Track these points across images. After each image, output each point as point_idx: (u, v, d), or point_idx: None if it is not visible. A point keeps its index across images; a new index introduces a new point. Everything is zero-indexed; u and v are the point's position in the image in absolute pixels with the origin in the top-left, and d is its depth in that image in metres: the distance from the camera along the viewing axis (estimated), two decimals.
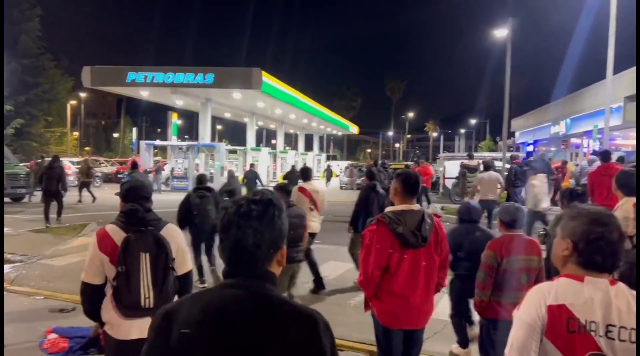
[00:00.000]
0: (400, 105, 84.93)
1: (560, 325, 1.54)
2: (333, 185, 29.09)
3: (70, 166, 24.26)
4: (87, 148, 55.44)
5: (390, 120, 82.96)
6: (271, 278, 1.30)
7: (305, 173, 7.16)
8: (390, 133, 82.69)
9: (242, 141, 34.64)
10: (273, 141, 52.28)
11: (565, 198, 4.25)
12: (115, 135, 65.27)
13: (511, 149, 32.33)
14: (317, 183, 8.08)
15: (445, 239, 3.21)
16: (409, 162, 24.23)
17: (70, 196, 15.12)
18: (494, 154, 24.61)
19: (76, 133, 53.28)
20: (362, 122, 63.00)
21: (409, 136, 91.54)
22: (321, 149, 52.83)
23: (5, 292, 6.61)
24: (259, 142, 37.57)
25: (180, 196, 7.25)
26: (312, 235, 6.66)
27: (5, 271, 7.37)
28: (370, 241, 3.04)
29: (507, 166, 13.79)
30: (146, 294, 2.52)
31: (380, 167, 13.55)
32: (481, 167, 13.12)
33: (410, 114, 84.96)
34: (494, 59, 24.96)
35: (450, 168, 19.04)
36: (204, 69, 22.05)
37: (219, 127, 55.87)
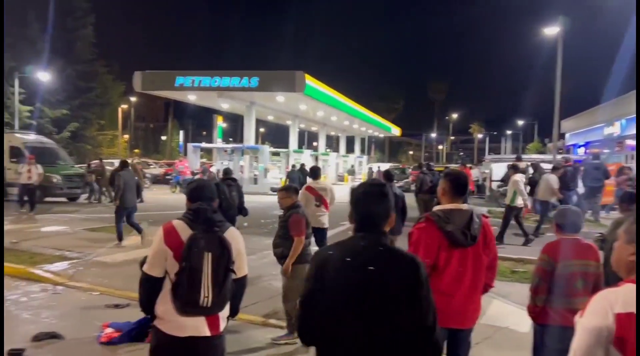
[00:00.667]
0: (443, 106, 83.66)
1: (630, 334, 1.47)
2: None
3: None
4: (136, 150, 57.45)
5: (433, 121, 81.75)
6: (385, 234, 2.02)
7: (314, 172, 7.86)
8: (433, 135, 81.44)
9: (284, 143, 35.03)
10: (314, 143, 52.54)
11: (625, 201, 4.08)
12: (163, 138, 67.35)
13: (560, 151, 31.19)
14: (326, 181, 8.70)
15: (493, 239, 3.16)
16: (450, 165, 23.82)
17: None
18: (542, 157, 23.83)
19: (126, 136, 55.34)
20: (404, 124, 62.36)
21: (452, 137, 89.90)
22: (362, 151, 52.67)
23: (64, 287, 6.96)
24: (301, 144, 37.80)
25: None
26: (322, 230, 7.28)
27: (63, 268, 7.75)
28: (418, 239, 3.02)
29: (548, 168, 13.32)
30: (206, 293, 2.54)
31: (425, 168, 13.50)
32: (530, 170, 12.71)
33: (454, 115, 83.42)
34: (542, 58, 24.20)
35: (497, 171, 18.61)
36: (249, 72, 22.49)
37: (261, 129, 56.63)
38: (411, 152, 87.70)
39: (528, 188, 11.29)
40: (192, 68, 23.74)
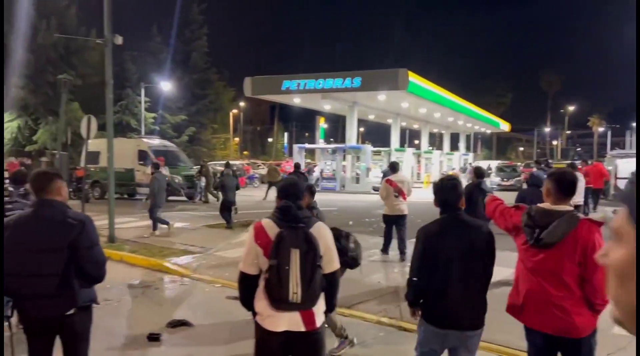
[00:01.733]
0: (557, 98, 77.48)
1: None
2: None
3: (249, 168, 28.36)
4: (245, 152, 60.69)
5: (546, 115, 76.12)
6: (459, 210, 3.07)
7: (394, 167, 8.94)
8: (547, 129, 75.87)
9: (384, 142, 34.88)
10: (416, 141, 51.58)
11: None
12: (269, 140, 70.43)
13: None
14: (404, 175, 9.70)
15: (592, 250, 2.69)
16: (574, 161, 22.05)
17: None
18: None
19: (237, 139, 58.69)
20: (513, 118, 58.85)
21: (568, 132, 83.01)
22: (468, 148, 50.67)
23: (189, 279, 7.63)
24: (402, 142, 37.39)
25: (329, 196, 7.75)
26: (402, 216, 8.40)
27: (188, 261, 8.48)
28: (503, 210, 3.25)
29: None
30: (295, 289, 2.58)
31: (544, 166, 12.74)
32: None
33: (570, 108, 76.92)
34: None
35: (623, 167, 16.93)
36: (351, 73, 22.75)
37: (361, 129, 56.96)
38: (521, 149, 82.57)
39: None
40: (297, 72, 24.56)
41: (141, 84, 29.30)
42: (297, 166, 14.31)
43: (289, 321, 2.66)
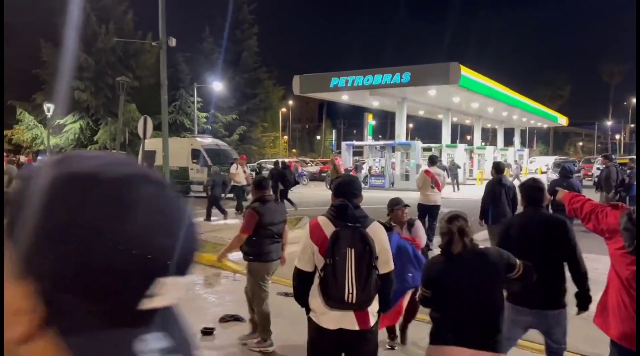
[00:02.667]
0: (620, 90, 73.39)
1: None
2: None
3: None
4: (293, 150, 61.30)
5: (608, 108, 72.28)
6: (542, 207, 3.50)
7: (432, 159, 9.56)
8: (609, 123, 72.00)
9: (434, 138, 34.21)
10: (467, 137, 50.27)
11: None
12: (317, 137, 70.79)
13: None
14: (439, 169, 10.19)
15: None
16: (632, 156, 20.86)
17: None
18: None
19: (285, 137, 59.37)
20: (571, 112, 56.35)
21: (632, 125, 78.36)
22: (523, 144, 48.87)
23: (241, 275, 7.76)
24: (453, 138, 36.56)
25: (378, 194, 7.67)
26: (437, 207, 8.88)
27: (240, 257, 8.59)
28: (596, 209, 2.87)
29: None
30: (350, 289, 2.55)
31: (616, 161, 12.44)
32: None
33: (634, 100, 72.60)
34: None
35: None
36: (400, 69, 22.43)
37: (410, 125, 56.20)
38: (580, 144, 78.86)
39: None
40: (344, 69, 24.48)
41: (194, 85, 30.13)
42: (277, 162, 16.12)
43: (343, 320, 2.64)
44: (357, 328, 2.65)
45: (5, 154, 22.56)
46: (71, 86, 27.40)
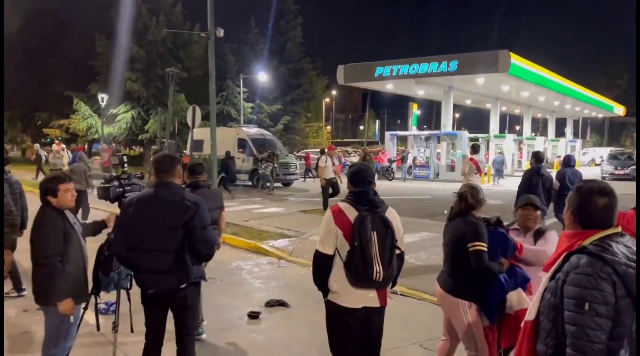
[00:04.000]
0: None
1: None
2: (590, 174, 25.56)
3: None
4: (337, 140, 61.28)
5: None
6: None
7: (475, 148, 10.10)
8: None
9: (482, 128, 33.30)
10: (517, 127, 48.68)
11: None
12: (361, 127, 70.45)
13: None
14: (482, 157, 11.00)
15: None
16: None
17: None
18: None
19: (329, 127, 59.42)
20: (629, 101, 53.24)
21: None
22: (575, 134, 46.85)
23: (285, 261, 7.91)
24: (502, 128, 35.45)
25: (422, 185, 7.59)
26: None
27: (284, 244, 8.78)
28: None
29: None
30: (378, 269, 2.76)
31: None
32: None
33: None
34: None
35: None
36: (447, 57, 21.94)
37: (456, 115, 54.96)
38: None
39: None
40: (389, 58, 24.16)
41: (240, 75, 30.55)
42: (228, 152, 17.00)
43: (366, 298, 2.85)
44: (378, 304, 2.89)
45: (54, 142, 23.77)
46: (123, 77, 28.39)
